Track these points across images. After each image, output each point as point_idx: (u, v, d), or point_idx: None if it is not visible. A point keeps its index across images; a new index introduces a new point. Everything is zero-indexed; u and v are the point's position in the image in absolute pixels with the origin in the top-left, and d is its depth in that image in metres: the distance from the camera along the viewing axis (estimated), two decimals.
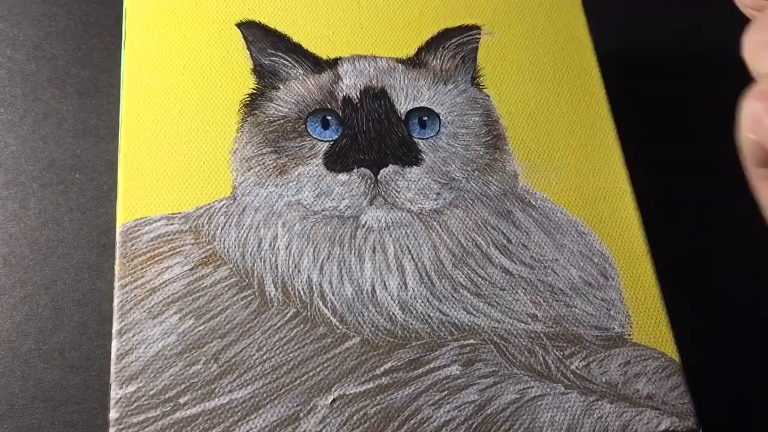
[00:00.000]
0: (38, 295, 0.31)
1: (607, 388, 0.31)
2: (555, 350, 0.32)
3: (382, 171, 0.34)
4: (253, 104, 0.35)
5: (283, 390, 0.29)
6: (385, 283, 0.32)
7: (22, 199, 0.33)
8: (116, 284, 0.30)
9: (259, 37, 0.36)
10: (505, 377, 0.31)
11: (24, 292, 0.31)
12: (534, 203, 0.35)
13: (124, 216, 0.31)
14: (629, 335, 0.33)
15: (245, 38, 0.36)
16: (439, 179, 0.34)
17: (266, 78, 0.36)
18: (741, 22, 0.50)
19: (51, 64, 0.37)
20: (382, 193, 0.33)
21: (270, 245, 0.32)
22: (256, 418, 0.29)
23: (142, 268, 0.30)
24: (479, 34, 0.39)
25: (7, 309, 0.31)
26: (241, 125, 0.34)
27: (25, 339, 0.30)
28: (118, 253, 0.31)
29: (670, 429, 0.31)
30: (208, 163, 0.33)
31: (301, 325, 0.30)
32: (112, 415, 0.28)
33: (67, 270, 0.32)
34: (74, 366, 0.31)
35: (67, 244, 0.32)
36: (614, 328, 0.33)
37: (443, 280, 0.32)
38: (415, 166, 0.34)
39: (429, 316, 0.32)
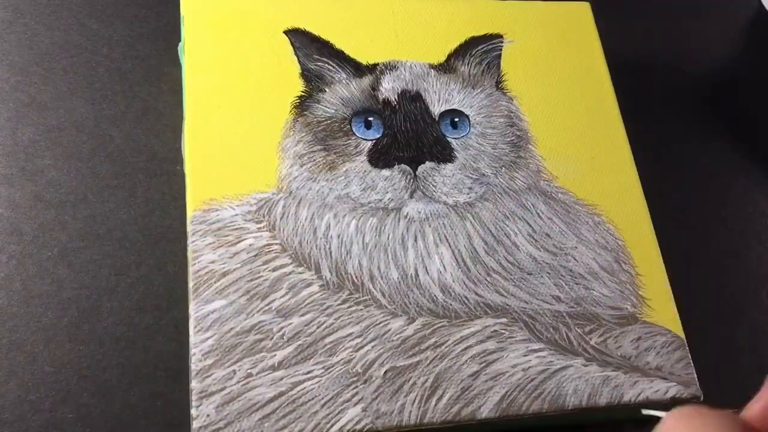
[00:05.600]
0: (153, 276, 0.35)
1: (621, 360, 0.36)
2: (576, 327, 0.36)
3: (420, 167, 0.37)
4: (302, 105, 0.38)
5: (342, 362, 0.33)
6: (426, 268, 0.36)
7: (130, 188, 0.37)
8: (189, 269, 0.33)
9: (305, 43, 0.40)
10: (534, 351, 0.35)
11: (140, 272, 0.35)
12: (555, 196, 0.39)
13: (192, 205, 0.35)
14: (640, 314, 0.37)
15: (292, 44, 0.40)
16: (470, 175, 0.38)
17: (313, 81, 0.39)
18: (742, 31, 0.54)
19: (145, 63, 0.41)
20: (421, 187, 0.37)
21: (324, 234, 0.35)
22: (318, 386, 0.32)
23: (212, 253, 0.34)
24: (502, 42, 0.43)
25: (125, 288, 0.34)
26: (293, 125, 0.38)
27: (144, 315, 0.34)
28: (189, 240, 0.34)
29: (676, 396, 0.35)
30: (262, 157, 0.36)
31: (355, 305, 0.34)
32: (194, 385, 0.31)
33: (177, 254, 0.35)
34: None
35: (174, 230, 0.36)
36: (627, 308, 0.37)
37: (477, 266, 0.36)
38: (449, 163, 0.38)
39: (466, 297, 0.35)
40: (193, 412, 0.31)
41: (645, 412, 0.34)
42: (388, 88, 0.40)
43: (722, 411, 0.19)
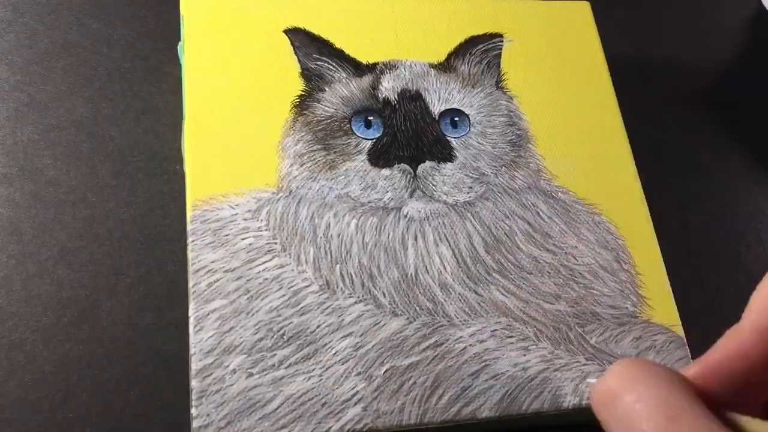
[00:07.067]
0: (153, 275, 0.34)
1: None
2: (576, 327, 0.36)
3: (420, 166, 0.37)
4: (302, 105, 0.38)
5: (342, 361, 0.33)
6: (426, 267, 0.36)
7: (130, 187, 0.37)
8: (189, 269, 0.33)
9: (305, 42, 0.40)
10: (534, 350, 0.35)
11: (139, 272, 0.35)
12: (555, 196, 0.39)
13: (192, 205, 0.35)
14: (640, 314, 0.37)
15: (292, 43, 0.40)
16: (470, 174, 0.38)
17: (313, 81, 0.39)
18: (742, 31, 0.54)
19: (144, 62, 0.41)
20: (421, 186, 0.37)
21: (324, 234, 0.35)
22: (319, 386, 0.32)
23: (211, 253, 0.34)
24: (502, 41, 0.43)
25: (125, 288, 0.34)
26: (293, 124, 0.38)
27: (144, 315, 0.34)
28: (189, 239, 0.34)
29: None
30: (262, 156, 0.36)
31: (355, 305, 0.34)
32: (194, 384, 0.31)
33: (177, 253, 0.35)
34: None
35: (174, 230, 0.36)
36: (627, 308, 0.37)
37: (477, 265, 0.36)
38: (449, 162, 0.38)
39: (466, 296, 0.35)
40: (193, 411, 0.31)
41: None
42: (388, 87, 0.40)
43: (664, 366, 0.19)
